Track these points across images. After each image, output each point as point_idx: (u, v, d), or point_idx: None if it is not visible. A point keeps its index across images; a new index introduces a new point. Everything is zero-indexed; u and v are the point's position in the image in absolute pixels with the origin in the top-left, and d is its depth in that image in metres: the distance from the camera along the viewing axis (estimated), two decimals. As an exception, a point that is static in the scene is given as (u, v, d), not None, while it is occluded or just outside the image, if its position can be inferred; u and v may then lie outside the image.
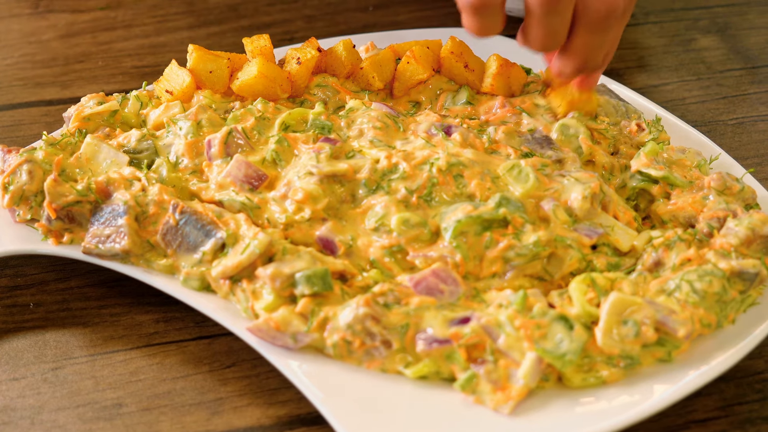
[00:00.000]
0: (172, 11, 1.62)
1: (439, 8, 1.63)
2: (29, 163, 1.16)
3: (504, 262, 1.08)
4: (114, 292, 1.17)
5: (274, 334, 1.03)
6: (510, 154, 1.18)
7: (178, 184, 1.16)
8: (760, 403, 1.06)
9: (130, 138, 1.21)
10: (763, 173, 1.33)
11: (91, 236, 1.12)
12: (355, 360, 1.03)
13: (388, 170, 1.14)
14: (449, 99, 1.28)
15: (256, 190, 1.14)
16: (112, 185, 1.14)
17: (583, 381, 1.01)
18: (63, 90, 1.47)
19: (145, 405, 1.06)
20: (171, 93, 1.25)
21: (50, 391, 1.07)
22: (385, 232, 1.10)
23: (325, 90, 1.28)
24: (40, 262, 1.20)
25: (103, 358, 1.10)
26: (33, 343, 1.12)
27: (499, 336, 1.01)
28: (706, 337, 1.05)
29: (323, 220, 1.12)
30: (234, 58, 1.27)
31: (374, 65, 1.28)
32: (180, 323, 1.14)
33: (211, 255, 1.09)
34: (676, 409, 1.05)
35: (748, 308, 1.08)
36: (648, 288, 1.06)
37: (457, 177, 1.13)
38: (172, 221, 1.11)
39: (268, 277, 1.05)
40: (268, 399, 1.07)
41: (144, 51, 1.54)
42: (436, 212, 1.11)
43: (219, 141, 1.17)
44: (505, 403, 0.99)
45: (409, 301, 1.05)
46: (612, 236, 1.11)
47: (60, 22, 1.59)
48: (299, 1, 1.64)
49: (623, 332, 1.01)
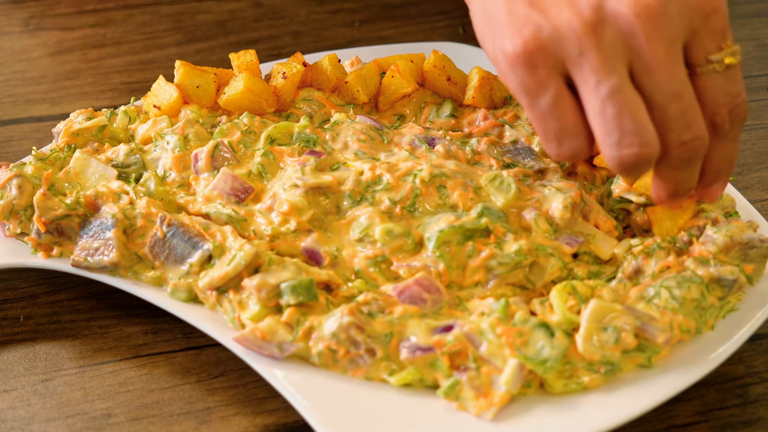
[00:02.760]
0: (161, 28, 1.64)
1: (424, 23, 1.65)
2: (19, 178, 1.17)
3: (486, 271, 1.10)
4: (103, 304, 1.19)
5: (260, 344, 1.05)
6: (492, 165, 1.20)
7: (165, 197, 1.18)
8: (740, 407, 1.08)
9: (118, 152, 1.22)
10: (743, 182, 1.34)
11: (80, 249, 1.14)
12: (340, 368, 1.05)
13: (372, 182, 1.15)
14: (433, 112, 1.30)
15: (242, 203, 1.16)
16: (101, 199, 1.16)
17: (565, 387, 1.02)
18: (53, 106, 1.48)
19: (134, 415, 1.07)
20: (158, 108, 1.26)
21: (40, 403, 1.09)
22: (369, 243, 1.12)
23: (311, 104, 1.30)
24: (29, 276, 1.22)
25: (92, 370, 1.12)
26: (23, 355, 1.13)
27: (482, 343, 1.03)
28: (686, 343, 1.06)
29: (308, 232, 1.13)
30: (221, 73, 1.29)
31: (359, 79, 1.30)
32: (168, 334, 1.15)
33: (198, 267, 1.11)
34: (657, 414, 1.07)
35: (727, 314, 1.09)
36: (628, 295, 1.07)
37: (440, 188, 1.15)
38: (159, 234, 1.12)
39: (254, 287, 1.07)
40: (255, 408, 1.08)
41: (133, 67, 1.56)
42: (420, 223, 1.13)
43: (206, 155, 1.19)
44: (488, 410, 1.00)
45: (392, 310, 1.06)
46: (593, 245, 1.13)
47: (50, 40, 1.61)
48: (286, 17, 1.66)
49: (603, 339, 1.03)
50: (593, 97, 0.99)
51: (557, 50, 0.99)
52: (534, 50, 0.99)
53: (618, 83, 0.98)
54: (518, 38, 0.99)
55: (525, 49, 0.99)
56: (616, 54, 0.98)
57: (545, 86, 1.00)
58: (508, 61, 1.00)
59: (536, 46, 0.99)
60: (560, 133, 1.02)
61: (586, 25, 0.98)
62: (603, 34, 0.98)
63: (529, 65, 1.00)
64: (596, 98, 0.98)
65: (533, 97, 1.01)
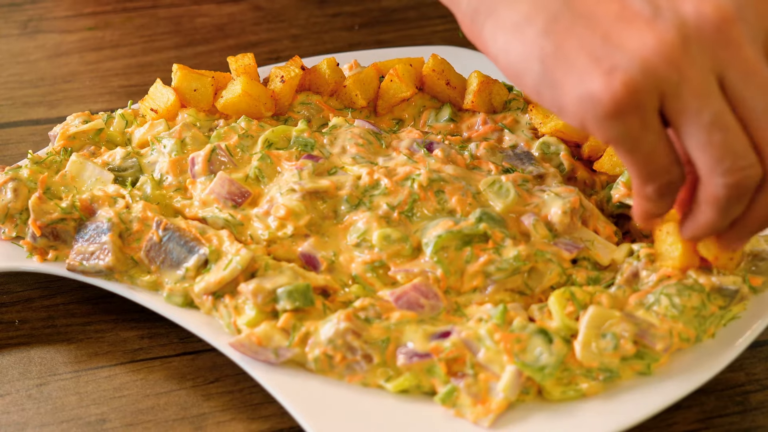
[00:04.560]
0: (159, 31, 1.64)
1: (424, 27, 1.64)
2: (14, 181, 1.17)
3: (484, 277, 1.09)
4: (99, 308, 1.18)
5: (256, 349, 1.04)
6: (491, 170, 1.19)
7: (162, 201, 1.17)
8: (740, 415, 1.07)
9: (114, 156, 1.22)
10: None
11: (76, 253, 1.13)
12: (337, 374, 1.04)
13: (369, 186, 1.15)
14: (432, 116, 1.30)
15: (239, 207, 1.15)
16: (97, 203, 1.15)
17: (563, 394, 1.02)
18: (50, 109, 1.48)
19: (129, 421, 1.07)
20: (156, 111, 1.26)
21: (34, 408, 1.08)
22: (366, 248, 1.11)
23: (309, 108, 1.29)
24: (25, 280, 1.21)
25: (87, 374, 1.11)
26: (18, 359, 1.13)
27: (479, 350, 1.02)
28: (686, 350, 1.06)
29: (306, 236, 1.13)
30: (218, 77, 1.28)
31: (358, 83, 1.30)
32: (164, 339, 1.15)
33: (194, 271, 1.10)
34: (656, 422, 1.06)
35: (729, 323, 1.08)
36: (627, 301, 1.07)
37: (438, 193, 1.14)
38: (155, 238, 1.12)
39: (250, 292, 1.06)
40: (251, 414, 1.07)
41: (131, 70, 1.56)
42: (417, 228, 1.12)
43: (203, 158, 1.18)
44: (485, 416, 1.00)
45: (389, 315, 1.05)
46: (592, 250, 1.12)
47: (48, 43, 1.61)
48: (285, 21, 1.66)
49: (602, 345, 1.02)
50: (695, 127, 0.89)
51: (655, 86, 0.88)
52: (633, 94, 0.88)
53: (720, 106, 0.89)
54: (609, 85, 0.88)
55: (624, 94, 0.88)
56: (709, 72, 0.89)
57: (648, 128, 0.90)
58: (607, 114, 0.89)
59: (633, 89, 0.88)
60: (660, 171, 0.93)
61: (675, 48, 0.88)
62: (693, 52, 0.88)
63: (630, 112, 0.89)
64: (699, 127, 0.89)
65: (636, 141, 0.90)
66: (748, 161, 0.91)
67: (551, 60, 0.91)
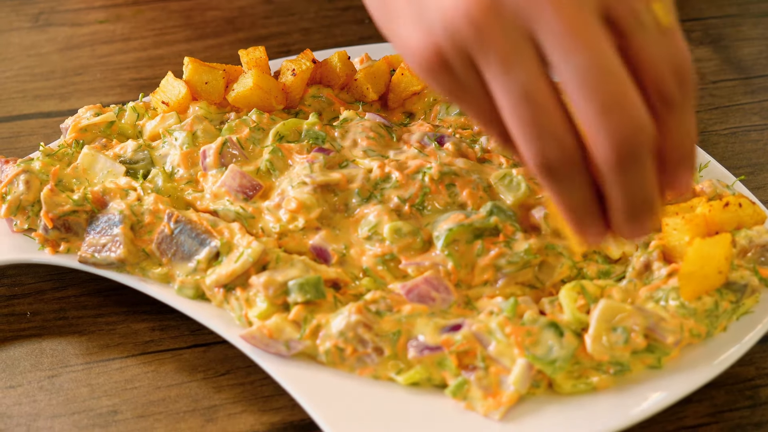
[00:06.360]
0: (170, 24, 1.64)
1: (435, 20, 1.64)
2: (26, 174, 1.17)
3: (495, 270, 1.09)
4: (110, 300, 1.18)
5: (267, 342, 1.04)
6: (502, 163, 1.19)
7: (173, 193, 1.17)
8: (750, 409, 1.07)
9: (126, 148, 1.22)
10: (755, 182, 1.33)
11: (87, 245, 1.13)
12: (348, 367, 1.04)
13: (380, 180, 1.15)
14: (443, 109, 1.30)
15: (250, 200, 1.15)
16: (108, 195, 1.16)
17: (574, 387, 1.02)
18: (62, 102, 1.48)
19: (140, 412, 1.07)
20: (167, 104, 1.26)
21: (46, 399, 1.08)
22: (377, 241, 1.11)
23: (320, 101, 1.29)
24: (37, 272, 1.21)
25: (98, 366, 1.11)
26: (29, 351, 1.13)
27: (490, 343, 1.02)
28: (697, 344, 1.06)
29: (317, 229, 1.13)
30: (229, 70, 1.28)
31: (369, 77, 1.30)
32: (175, 331, 1.15)
33: (206, 263, 1.10)
34: (666, 416, 1.06)
35: (741, 317, 1.08)
36: (638, 295, 1.07)
37: (449, 186, 1.14)
38: (167, 230, 1.12)
39: (261, 285, 1.07)
40: (261, 406, 1.07)
41: (142, 63, 1.56)
42: (428, 221, 1.12)
43: (214, 151, 1.18)
44: (496, 409, 1.00)
45: (401, 308, 1.06)
46: (602, 244, 1.12)
47: (59, 36, 1.61)
48: (296, 14, 1.66)
49: (613, 339, 1.02)
50: (501, 94, 0.86)
51: (459, 47, 0.86)
52: (437, 54, 0.87)
53: (525, 76, 0.84)
54: (419, 43, 0.87)
55: (431, 53, 0.87)
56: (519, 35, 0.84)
57: (461, 85, 0.88)
58: (421, 70, 0.89)
59: (437, 49, 0.87)
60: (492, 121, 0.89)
61: (483, 9, 0.84)
62: (504, 14, 0.84)
63: (439, 70, 0.88)
64: (506, 94, 0.85)
65: (456, 95, 0.89)
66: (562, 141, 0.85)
67: (382, 11, 0.94)
